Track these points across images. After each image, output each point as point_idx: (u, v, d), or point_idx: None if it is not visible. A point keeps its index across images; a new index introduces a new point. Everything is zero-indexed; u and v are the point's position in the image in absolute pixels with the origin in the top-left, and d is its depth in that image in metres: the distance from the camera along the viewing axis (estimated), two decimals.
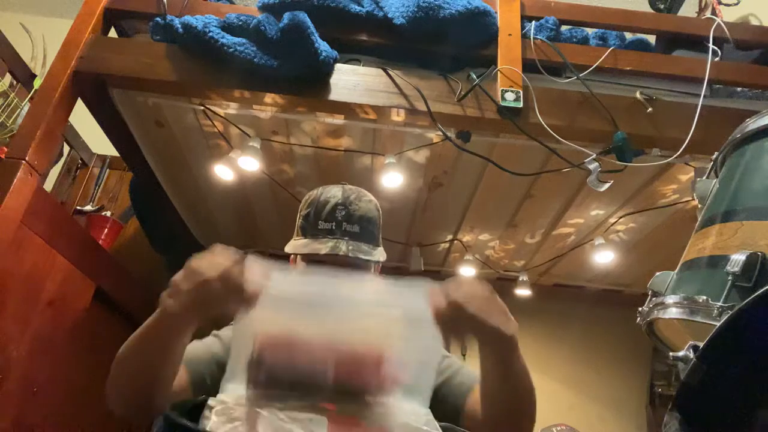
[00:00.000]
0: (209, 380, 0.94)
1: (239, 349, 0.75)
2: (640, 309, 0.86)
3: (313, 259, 1.04)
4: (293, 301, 0.73)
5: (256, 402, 0.75)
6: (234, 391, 0.78)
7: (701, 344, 0.58)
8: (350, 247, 1.02)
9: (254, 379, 0.77)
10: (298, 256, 1.09)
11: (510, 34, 1.64)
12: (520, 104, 1.51)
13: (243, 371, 0.77)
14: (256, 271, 0.77)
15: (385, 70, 1.58)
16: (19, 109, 1.94)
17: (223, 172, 1.87)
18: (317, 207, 1.07)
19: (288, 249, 1.07)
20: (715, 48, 1.60)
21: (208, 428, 0.72)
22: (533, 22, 1.69)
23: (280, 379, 0.77)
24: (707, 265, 0.76)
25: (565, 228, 2.27)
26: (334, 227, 1.04)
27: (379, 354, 0.80)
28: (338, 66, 1.58)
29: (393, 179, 1.82)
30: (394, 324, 0.78)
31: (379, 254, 1.08)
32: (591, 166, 1.50)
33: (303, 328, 0.72)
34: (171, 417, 0.66)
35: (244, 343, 0.74)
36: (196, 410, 0.79)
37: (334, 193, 1.10)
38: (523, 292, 2.62)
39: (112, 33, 1.76)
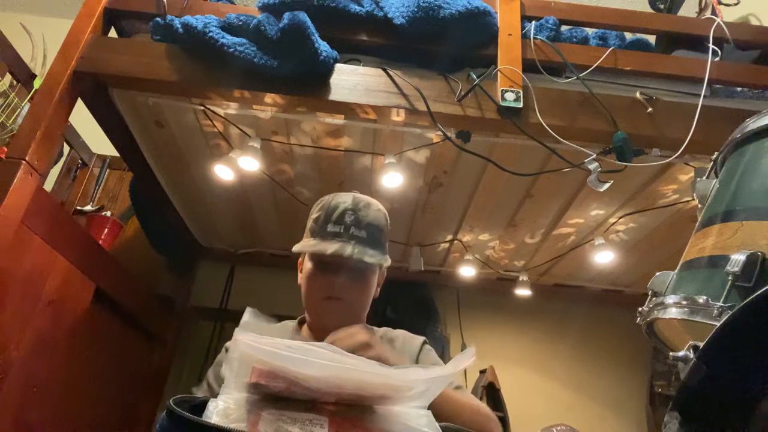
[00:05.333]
0: None
1: (235, 369, 0.75)
2: (640, 309, 0.86)
3: (319, 260, 1.09)
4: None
5: (256, 404, 0.75)
6: (233, 394, 0.78)
7: (701, 344, 0.58)
8: (356, 250, 1.05)
9: (252, 392, 0.77)
10: (306, 256, 1.13)
11: (510, 34, 1.64)
12: (520, 104, 1.52)
13: (241, 386, 0.77)
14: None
15: (385, 70, 1.58)
16: (19, 109, 1.94)
17: (223, 172, 1.87)
18: (327, 211, 1.10)
19: (296, 248, 1.11)
20: (715, 48, 1.60)
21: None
22: (533, 22, 1.69)
23: (279, 396, 0.77)
24: (707, 265, 0.75)
25: (565, 228, 2.27)
26: (342, 230, 1.07)
27: (382, 395, 0.80)
28: (338, 66, 1.58)
29: (393, 179, 1.82)
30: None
31: (383, 260, 1.11)
32: (591, 166, 1.50)
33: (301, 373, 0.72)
34: (175, 410, 0.66)
35: (242, 369, 0.74)
36: (196, 410, 0.79)
37: (344, 199, 1.12)
38: (523, 292, 2.62)
39: (112, 33, 1.76)
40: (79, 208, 2.55)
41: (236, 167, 1.83)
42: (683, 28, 1.78)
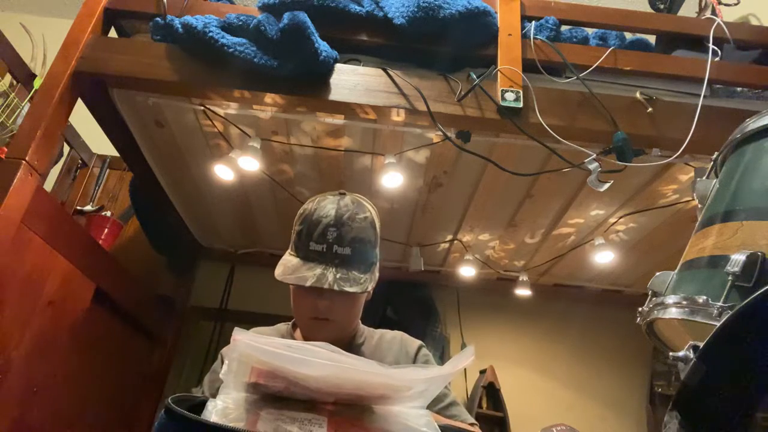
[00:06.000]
0: None
1: (234, 370, 0.75)
2: (640, 309, 0.86)
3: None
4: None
5: (255, 403, 0.75)
6: (232, 394, 0.78)
7: (701, 344, 0.58)
8: (338, 276, 1.00)
9: (251, 392, 0.77)
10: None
11: (510, 34, 1.64)
12: (520, 104, 1.51)
13: (240, 385, 0.77)
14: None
15: (385, 70, 1.58)
16: (19, 109, 1.94)
17: (223, 172, 1.87)
18: (309, 226, 1.04)
19: (277, 272, 1.05)
20: (715, 48, 1.60)
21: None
22: (533, 22, 1.69)
23: (278, 396, 0.77)
24: (707, 265, 0.75)
25: (565, 228, 2.27)
26: (324, 249, 1.02)
27: (381, 394, 0.80)
28: (338, 66, 1.58)
29: (393, 179, 1.82)
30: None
31: (369, 280, 1.04)
32: (591, 166, 1.50)
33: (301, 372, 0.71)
34: (174, 409, 0.66)
35: (241, 369, 0.74)
36: (196, 410, 0.79)
37: (327, 211, 1.05)
38: (523, 292, 2.61)
39: (112, 33, 1.76)
40: (79, 208, 2.55)
41: (236, 167, 1.83)
42: (683, 28, 1.78)
